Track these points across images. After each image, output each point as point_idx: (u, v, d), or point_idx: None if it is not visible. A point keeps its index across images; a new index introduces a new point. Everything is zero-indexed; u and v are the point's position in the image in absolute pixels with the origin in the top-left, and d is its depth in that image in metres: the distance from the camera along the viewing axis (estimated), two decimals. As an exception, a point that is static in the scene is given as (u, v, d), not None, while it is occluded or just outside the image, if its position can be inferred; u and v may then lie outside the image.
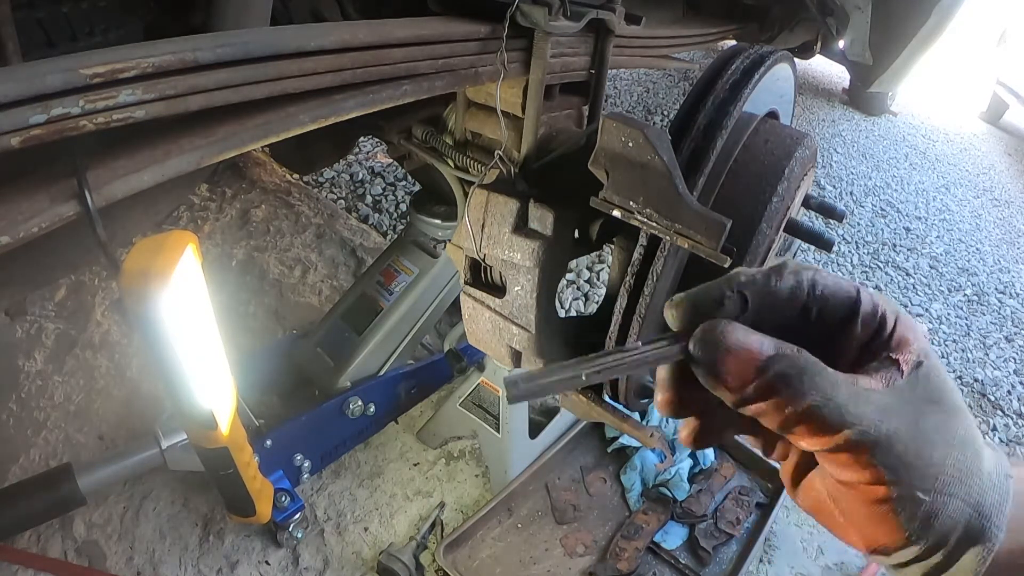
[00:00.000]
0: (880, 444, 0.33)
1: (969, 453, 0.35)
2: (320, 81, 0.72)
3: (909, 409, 0.34)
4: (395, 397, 1.45)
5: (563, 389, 0.36)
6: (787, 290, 0.36)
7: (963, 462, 0.35)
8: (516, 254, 0.92)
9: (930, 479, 0.34)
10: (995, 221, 3.37)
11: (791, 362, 0.33)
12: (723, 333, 0.34)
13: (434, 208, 1.43)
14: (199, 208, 2.02)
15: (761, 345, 0.34)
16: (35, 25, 0.80)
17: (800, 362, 0.33)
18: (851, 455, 0.34)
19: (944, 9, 1.96)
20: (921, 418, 0.35)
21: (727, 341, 0.34)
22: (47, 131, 0.53)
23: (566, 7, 0.91)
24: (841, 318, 0.36)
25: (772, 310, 0.36)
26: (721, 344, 0.34)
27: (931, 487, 0.34)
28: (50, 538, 1.16)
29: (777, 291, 0.36)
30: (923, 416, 0.35)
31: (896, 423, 0.34)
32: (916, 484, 0.34)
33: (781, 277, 0.36)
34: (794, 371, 0.33)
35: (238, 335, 1.60)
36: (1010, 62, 4.77)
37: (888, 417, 0.34)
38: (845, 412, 0.33)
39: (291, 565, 1.22)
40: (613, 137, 0.78)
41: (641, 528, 1.32)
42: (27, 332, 1.50)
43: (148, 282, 0.69)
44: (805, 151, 0.90)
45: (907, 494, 0.34)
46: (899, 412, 0.34)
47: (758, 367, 0.33)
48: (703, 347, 0.34)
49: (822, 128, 4.08)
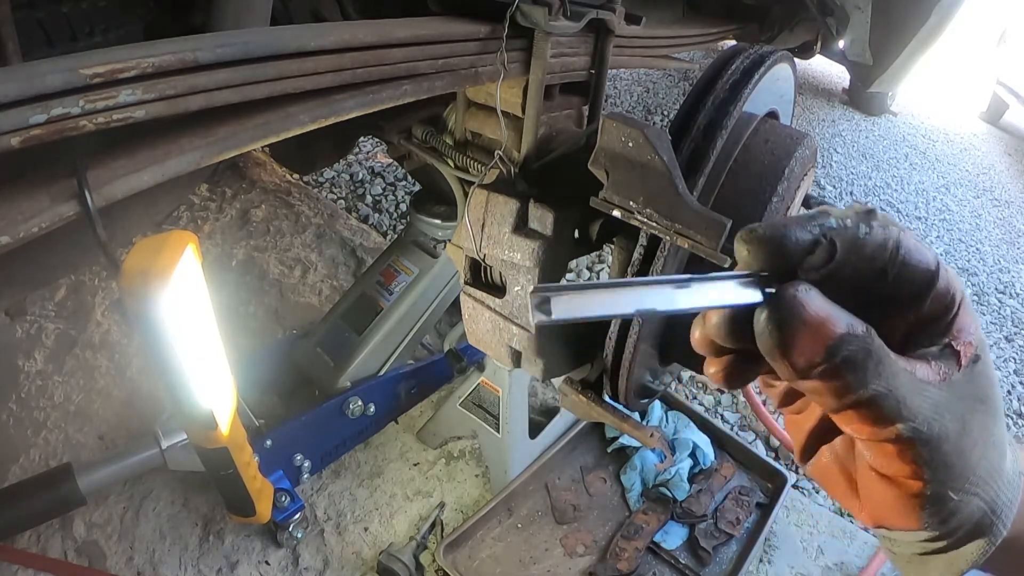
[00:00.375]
0: (930, 443, 0.32)
1: (998, 453, 0.35)
2: (320, 81, 0.72)
3: (960, 407, 0.33)
4: (395, 397, 1.45)
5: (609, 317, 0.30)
6: (874, 245, 0.32)
7: (992, 463, 0.35)
8: (516, 254, 0.92)
9: (963, 480, 0.33)
10: (995, 221, 3.37)
11: (862, 344, 0.30)
12: (804, 301, 0.30)
13: (434, 208, 1.43)
14: (199, 208, 2.02)
15: (837, 319, 0.30)
16: (35, 25, 0.80)
17: (870, 345, 0.30)
18: (897, 449, 0.32)
19: (944, 9, 1.96)
20: (969, 417, 0.33)
21: (807, 311, 0.29)
22: (47, 131, 0.53)
23: (566, 7, 0.91)
24: (913, 290, 0.33)
25: (852, 266, 0.32)
26: (799, 314, 0.29)
27: (962, 487, 0.33)
28: (50, 538, 1.16)
29: (864, 244, 0.31)
30: (971, 415, 0.33)
31: (947, 421, 0.32)
32: (950, 484, 0.33)
33: (871, 228, 0.32)
34: (862, 356, 0.30)
35: (238, 335, 1.60)
36: (1010, 62, 4.77)
37: (941, 415, 0.32)
38: (903, 406, 0.31)
39: (291, 565, 1.22)
40: (613, 137, 0.78)
41: (641, 528, 1.32)
42: (27, 332, 1.50)
43: (148, 282, 0.69)
44: (805, 151, 0.90)
45: (940, 492, 0.33)
46: (951, 409, 0.33)
47: (828, 346, 0.30)
48: (781, 313, 0.30)
49: (822, 128, 4.08)
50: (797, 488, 1.52)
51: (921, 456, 0.32)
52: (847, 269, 0.31)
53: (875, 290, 0.32)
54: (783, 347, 0.30)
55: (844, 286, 0.31)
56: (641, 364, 0.91)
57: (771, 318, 0.30)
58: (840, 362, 0.30)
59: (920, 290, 0.33)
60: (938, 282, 0.33)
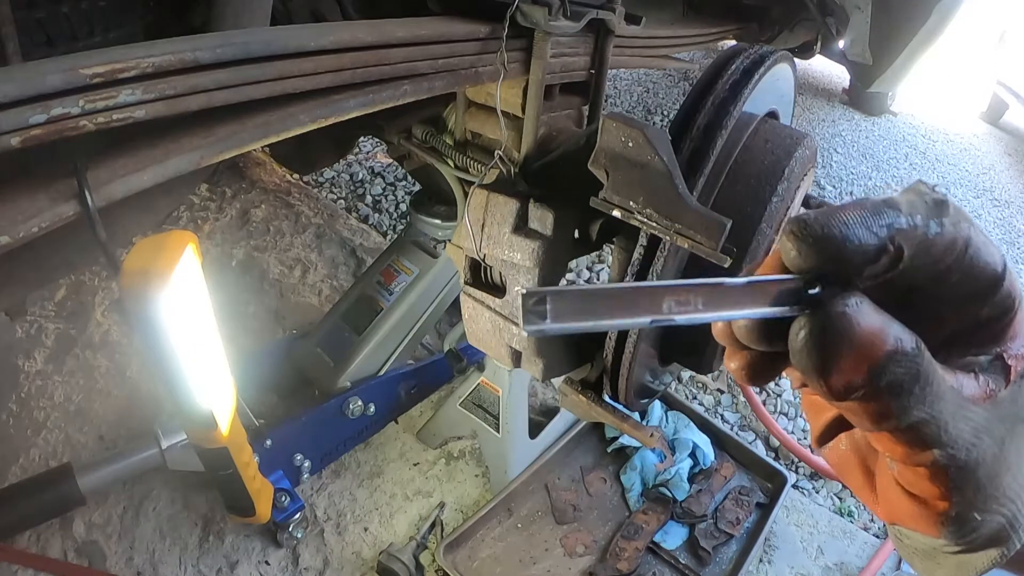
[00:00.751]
0: (965, 470, 0.30)
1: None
2: (320, 81, 0.72)
3: (1000, 429, 0.30)
4: (395, 397, 1.45)
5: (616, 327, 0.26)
6: (944, 246, 0.28)
7: (1021, 482, 0.32)
8: (516, 254, 0.92)
9: (991, 501, 0.31)
10: (995, 221, 3.37)
11: (910, 366, 0.26)
12: (854, 319, 0.26)
13: (434, 208, 1.43)
14: (199, 208, 2.02)
15: (885, 334, 0.26)
16: (35, 25, 0.80)
17: (919, 366, 0.27)
18: (930, 474, 0.30)
19: (944, 9, 1.96)
20: (1008, 440, 0.31)
21: (855, 331, 0.26)
22: (47, 131, 0.53)
23: (566, 7, 0.91)
24: (974, 293, 0.30)
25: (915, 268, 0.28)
26: (845, 335, 0.26)
27: (987, 507, 0.31)
28: (50, 538, 1.16)
29: (933, 244, 0.27)
30: (1011, 438, 0.31)
31: (985, 446, 0.30)
32: (977, 506, 0.31)
33: (943, 226, 0.27)
34: (909, 380, 0.27)
35: (238, 335, 1.60)
36: (1010, 62, 4.77)
37: (981, 439, 0.29)
38: (943, 432, 0.28)
39: (291, 565, 1.22)
40: (613, 137, 0.78)
41: (641, 528, 1.32)
42: (27, 332, 1.50)
43: (148, 282, 0.69)
44: (805, 151, 0.90)
45: (964, 514, 0.31)
46: (991, 432, 0.30)
47: (871, 367, 0.26)
48: (824, 333, 0.26)
49: (822, 128, 4.08)
50: (797, 488, 1.52)
51: (953, 482, 0.30)
52: (908, 272, 0.28)
53: (931, 291, 0.29)
54: (822, 368, 0.26)
55: (898, 289, 0.28)
56: (641, 364, 0.91)
57: (812, 336, 0.26)
58: (884, 386, 0.26)
59: (982, 293, 0.30)
60: (1003, 285, 0.29)
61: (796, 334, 0.26)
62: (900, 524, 0.35)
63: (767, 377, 0.31)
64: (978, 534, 0.32)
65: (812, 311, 0.26)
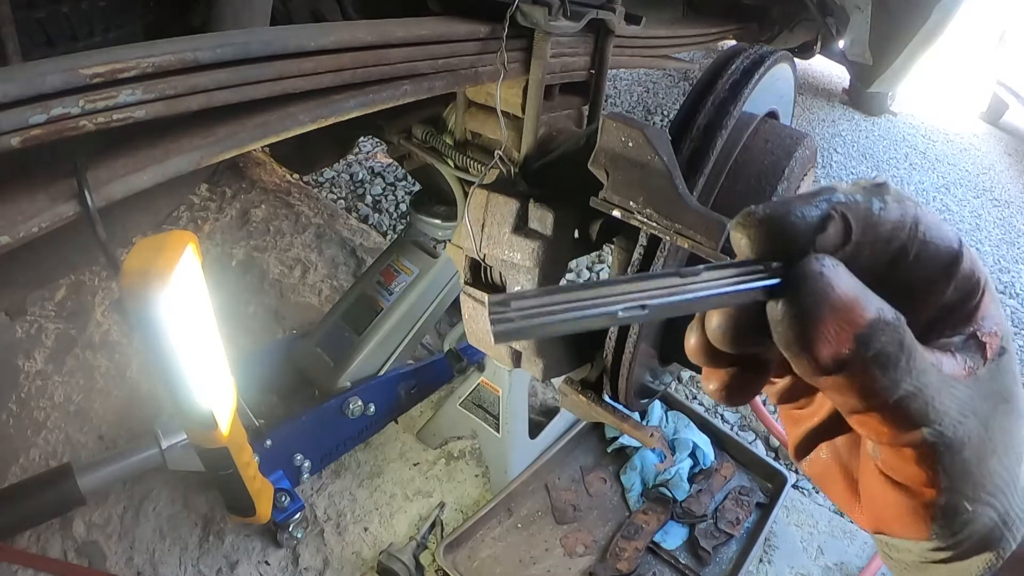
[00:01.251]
0: (952, 448, 0.29)
1: (1016, 459, 0.32)
2: (320, 81, 0.72)
3: (984, 407, 0.30)
4: (395, 397, 1.45)
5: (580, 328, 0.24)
6: (892, 222, 0.27)
7: (1010, 470, 0.31)
8: (516, 254, 0.92)
9: (979, 489, 0.30)
10: (995, 221, 3.37)
11: (894, 335, 0.26)
12: (832, 279, 0.25)
13: (434, 208, 1.43)
14: (199, 208, 2.02)
15: (867, 301, 0.26)
16: (35, 25, 0.80)
17: (903, 336, 0.26)
18: (917, 454, 0.29)
19: (944, 9, 1.96)
20: (992, 419, 0.30)
21: (835, 292, 0.25)
22: (47, 131, 0.53)
23: (566, 7, 0.91)
24: (934, 273, 0.29)
25: (869, 248, 0.27)
26: (826, 295, 0.25)
27: (977, 496, 0.30)
28: (50, 538, 1.16)
29: (881, 222, 0.27)
30: (994, 417, 0.30)
31: (970, 424, 0.29)
32: (966, 493, 0.30)
33: (885, 203, 0.27)
34: (894, 349, 0.26)
35: (238, 335, 1.60)
36: (1010, 62, 4.77)
37: (966, 416, 0.29)
38: (930, 407, 0.27)
39: (291, 565, 1.22)
40: (613, 137, 0.78)
41: (641, 528, 1.32)
42: (27, 332, 1.50)
43: (148, 282, 0.69)
44: (805, 151, 0.90)
45: (954, 503, 0.30)
46: (975, 411, 0.29)
47: (858, 336, 0.25)
48: (805, 294, 0.25)
49: (822, 128, 4.08)
50: (797, 488, 1.52)
51: (941, 463, 0.29)
52: (864, 252, 0.27)
53: (892, 277, 0.29)
54: (806, 337, 0.25)
55: (861, 274, 0.27)
56: (641, 364, 0.91)
57: (792, 301, 0.25)
58: (871, 356, 0.26)
59: (942, 272, 0.29)
60: (962, 262, 0.29)
61: (775, 308, 0.26)
62: (886, 531, 0.33)
63: (745, 395, 0.31)
64: (969, 531, 0.31)
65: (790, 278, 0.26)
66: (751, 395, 0.31)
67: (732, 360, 0.30)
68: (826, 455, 0.35)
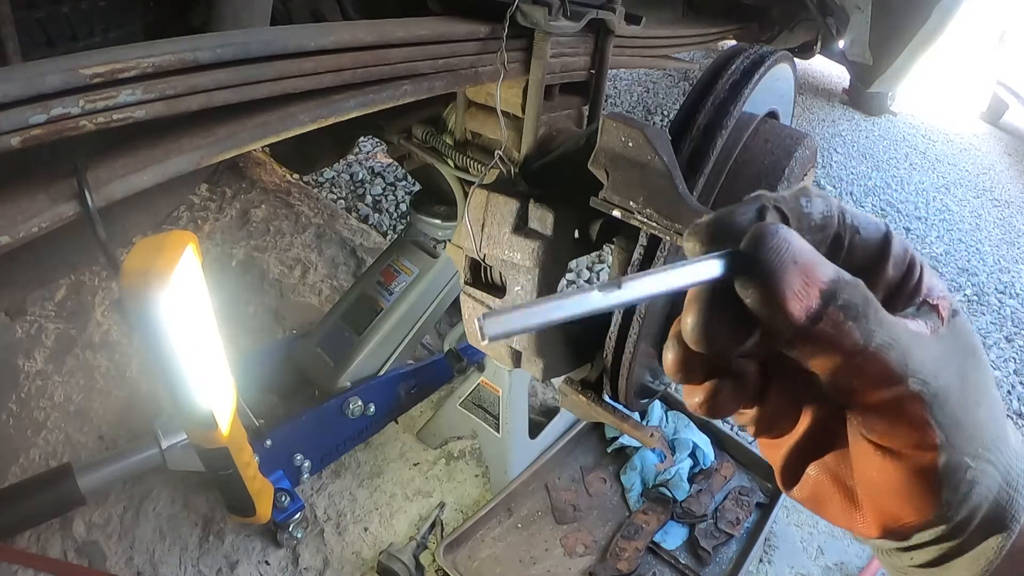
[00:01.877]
0: (938, 397, 0.29)
1: (1000, 414, 0.32)
2: (320, 81, 0.72)
3: (955, 360, 0.31)
4: (395, 397, 1.45)
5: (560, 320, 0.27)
6: (820, 213, 0.30)
7: (998, 423, 0.32)
8: (516, 254, 0.92)
9: (975, 441, 0.31)
10: (995, 221, 3.37)
11: (857, 290, 0.28)
12: (788, 237, 0.27)
13: (434, 208, 1.43)
14: (199, 208, 2.02)
15: (824, 261, 0.27)
16: (35, 25, 0.80)
17: (866, 294, 0.28)
18: (908, 409, 0.29)
19: (944, 9, 1.96)
20: (966, 372, 0.31)
21: (793, 248, 0.27)
22: (47, 131, 0.53)
23: (566, 7, 0.91)
24: (871, 256, 0.31)
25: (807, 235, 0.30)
26: (787, 250, 0.27)
27: (975, 451, 0.30)
28: (50, 538, 1.16)
29: (810, 215, 0.30)
30: (967, 370, 0.31)
31: (947, 375, 0.30)
32: (963, 447, 0.30)
33: (811, 199, 0.30)
34: (861, 300, 0.27)
35: (238, 335, 1.60)
36: (1010, 62, 4.77)
37: (942, 367, 0.30)
38: (908, 357, 0.28)
39: (291, 565, 1.22)
40: (613, 137, 0.78)
41: (641, 528, 1.32)
42: (27, 332, 1.50)
43: (148, 282, 0.69)
44: (805, 151, 0.90)
45: (955, 460, 0.30)
46: (949, 363, 0.30)
47: (823, 290, 0.27)
48: (763, 253, 0.27)
49: (822, 128, 4.08)
50: (797, 488, 1.52)
51: (932, 414, 0.29)
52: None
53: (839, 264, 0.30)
54: (777, 292, 0.26)
55: None
56: (641, 364, 0.91)
57: (758, 262, 0.27)
58: (840, 307, 0.27)
59: (878, 253, 0.31)
60: (893, 242, 0.32)
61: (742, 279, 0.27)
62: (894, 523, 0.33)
63: (728, 406, 0.32)
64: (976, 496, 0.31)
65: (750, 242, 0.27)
66: (734, 407, 0.33)
67: (710, 372, 0.32)
68: (815, 472, 0.35)
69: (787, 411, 0.35)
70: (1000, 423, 0.32)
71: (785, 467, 0.36)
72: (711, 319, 0.28)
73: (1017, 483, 0.33)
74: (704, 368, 0.31)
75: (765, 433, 0.36)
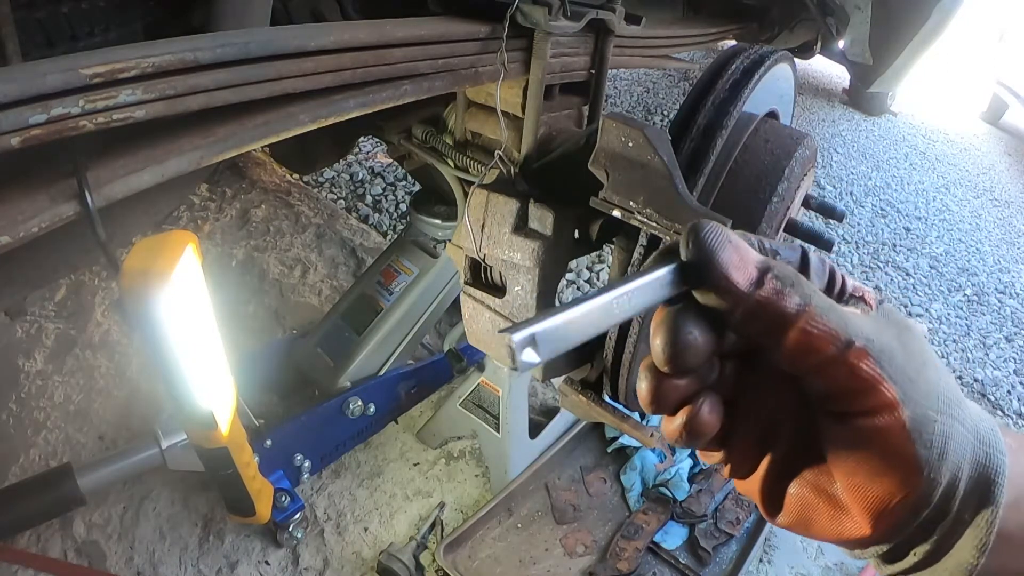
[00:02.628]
0: (885, 353, 0.32)
1: (950, 379, 0.35)
2: (320, 81, 0.72)
3: (890, 331, 0.34)
4: (395, 397, 1.45)
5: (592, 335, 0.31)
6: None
7: (951, 385, 0.34)
8: (516, 254, 0.92)
9: (934, 397, 0.33)
10: (995, 221, 3.37)
11: (785, 267, 0.33)
12: (717, 227, 0.32)
13: (434, 208, 1.43)
14: (199, 208, 2.02)
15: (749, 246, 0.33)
16: (35, 25, 0.80)
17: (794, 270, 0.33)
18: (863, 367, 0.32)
19: (944, 9, 1.96)
20: (904, 339, 0.34)
21: (724, 232, 0.32)
22: (47, 131, 0.53)
23: (566, 7, 0.91)
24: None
25: None
26: (721, 235, 0.32)
27: (936, 406, 0.33)
28: (50, 538, 1.16)
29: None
30: (905, 338, 0.34)
31: (888, 338, 0.33)
32: (924, 401, 0.32)
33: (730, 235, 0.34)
34: (791, 273, 0.32)
35: (238, 335, 1.60)
36: (1010, 62, 4.77)
37: (880, 332, 0.33)
38: (848, 323, 0.32)
39: (291, 565, 1.22)
40: (613, 137, 0.78)
41: (641, 528, 1.32)
42: (27, 332, 1.50)
43: (148, 282, 0.69)
44: (805, 151, 0.90)
45: (920, 413, 0.32)
46: (885, 331, 0.33)
47: (757, 265, 0.32)
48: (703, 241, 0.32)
49: (822, 128, 4.08)
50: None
51: (882, 367, 0.32)
52: None
53: None
54: (722, 267, 0.31)
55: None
56: (641, 364, 0.91)
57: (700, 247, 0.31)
58: (776, 276, 0.32)
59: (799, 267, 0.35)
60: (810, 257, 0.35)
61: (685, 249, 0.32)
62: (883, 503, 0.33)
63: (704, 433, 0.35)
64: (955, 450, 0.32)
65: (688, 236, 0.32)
66: (709, 432, 0.35)
67: (683, 401, 0.34)
68: (795, 490, 0.37)
69: (753, 448, 0.37)
70: (952, 386, 0.34)
71: (764, 494, 0.38)
72: (677, 337, 0.32)
73: (989, 439, 0.34)
74: (676, 397, 0.34)
75: (736, 472, 0.39)
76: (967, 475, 0.33)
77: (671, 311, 0.33)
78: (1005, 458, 0.34)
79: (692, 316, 0.32)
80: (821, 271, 0.36)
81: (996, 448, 0.34)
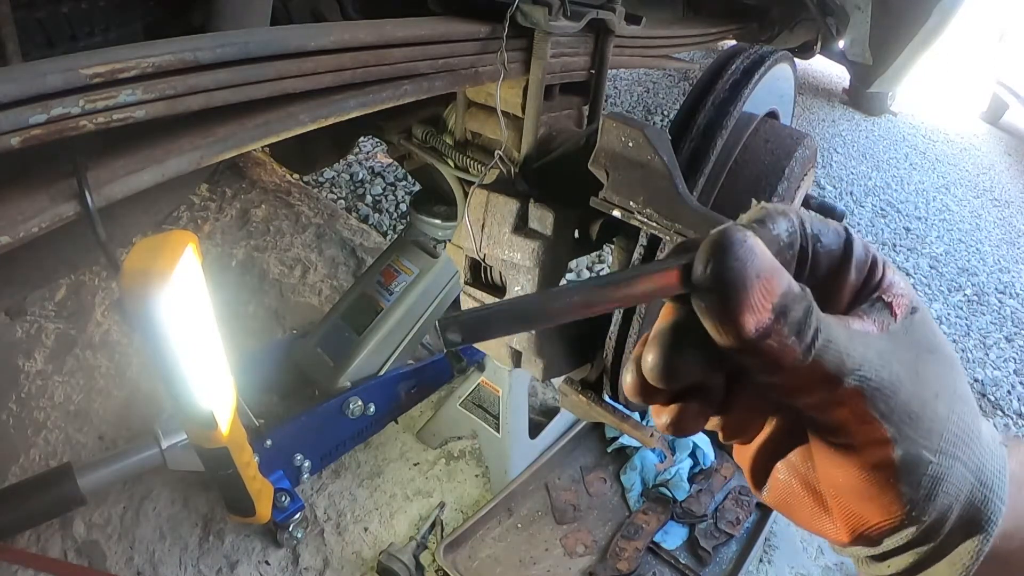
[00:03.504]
0: (882, 390, 0.29)
1: (968, 410, 0.32)
2: (320, 81, 0.72)
3: (908, 356, 0.30)
4: (395, 397, 1.45)
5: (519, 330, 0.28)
6: (787, 234, 0.30)
7: (964, 419, 0.31)
8: (516, 254, 0.92)
9: (935, 436, 0.30)
10: (995, 221, 3.37)
11: (803, 303, 0.28)
12: (754, 248, 0.27)
13: (434, 208, 1.43)
14: (199, 208, 2.02)
15: (781, 273, 0.28)
16: (35, 25, 0.80)
17: (810, 302, 0.28)
18: (851, 406, 0.29)
19: (944, 9, 1.96)
20: (921, 365, 0.31)
21: (757, 264, 0.27)
22: (47, 131, 0.53)
23: (566, 7, 0.91)
24: (834, 262, 0.32)
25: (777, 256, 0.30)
26: (752, 263, 0.26)
27: (936, 446, 0.30)
28: (50, 538, 1.16)
29: (778, 237, 0.30)
30: (922, 363, 0.31)
31: (896, 368, 0.30)
32: (921, 441, 0.30)
33: (774, 219, 0.30)
34: (805, 314, 0.28)
35: (238, 335, 1.60)
36: (1010, 62, 4.77)
37: (888, 361, 0.29)
38: (845, 355, 0.28)
39: (291, 565, 1.22)
40: (613, 137, 0.78)
41: (641, 528, 1.32)
42: (27, 332, 1.50)
43: (148, 282, 0.69)
44: (805, 151, 0.90)
45: (912, 453, 0.30)
46: (898, 357, 0.30)
47: (775, 303, 0.27)
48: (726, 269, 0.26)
49: (822, 128, 4.08)
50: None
51: (876, 407, 0.29)
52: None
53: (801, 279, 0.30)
54: (735, 310, 0.26)
55: None
56: (641, 364, 0.91)
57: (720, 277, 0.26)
58: (788, 324, 0.27)
59: (840, 258, 0.32)
60: (854, 246, 0.32)
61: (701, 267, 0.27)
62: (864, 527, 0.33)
63: (693, 426, 0.32)
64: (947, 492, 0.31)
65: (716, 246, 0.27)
66: (699, 426, 0.33)
67: (670, 395, 0.32)
68: (784, 475, 0.35)
69: (753, 416, 0.35)
70: (968, 419, 0.32)
71: (753, 467, 0.36)
72: (670, 361, 0.29)
73: (992, 482, 0.32)
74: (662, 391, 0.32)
75: (733, 438, 0.36)
76: (958, 515, 0.32)
77: (667, 330, 0.30)
78: (1003, 505, 0.33)
79: (690, 336, 0.29)
80: (862, 264, 0.32)
81: (996, 493, 0.32)
